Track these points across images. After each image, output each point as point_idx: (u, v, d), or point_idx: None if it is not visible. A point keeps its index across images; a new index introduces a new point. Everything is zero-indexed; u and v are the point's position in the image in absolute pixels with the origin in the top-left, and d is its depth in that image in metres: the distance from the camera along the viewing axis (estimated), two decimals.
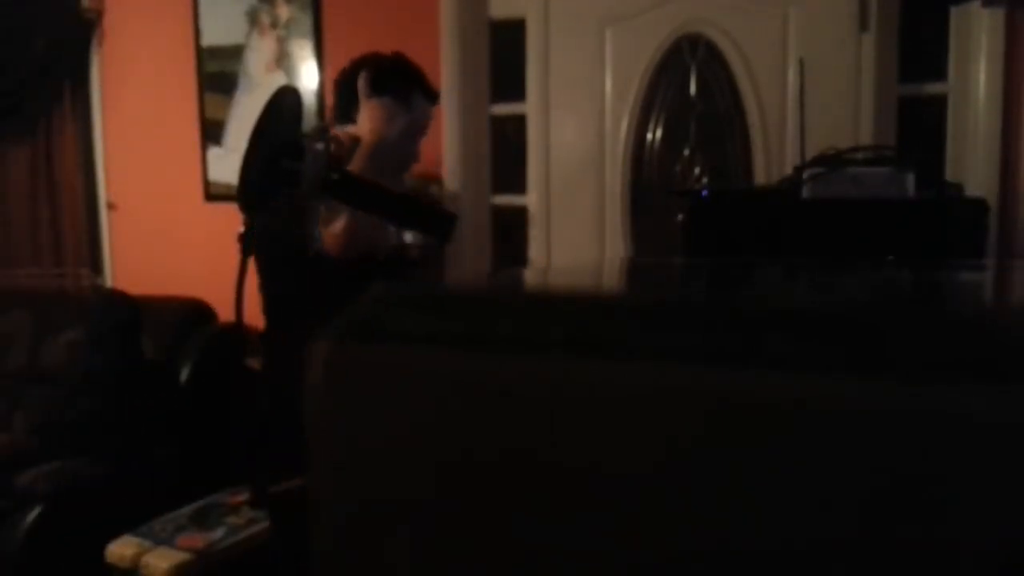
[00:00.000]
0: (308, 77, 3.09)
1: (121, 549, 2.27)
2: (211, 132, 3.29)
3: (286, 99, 1.21)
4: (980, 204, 0.80)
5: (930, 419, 0.35)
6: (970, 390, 0.34)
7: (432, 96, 1.85)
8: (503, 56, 2.92)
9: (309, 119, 3.01)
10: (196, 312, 3.05)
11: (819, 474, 0.36)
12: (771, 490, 0.37)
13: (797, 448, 0.37)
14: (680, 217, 0.84)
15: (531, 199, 2.90)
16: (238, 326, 1.27)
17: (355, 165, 1.56)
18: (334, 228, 1.55)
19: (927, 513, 0.35)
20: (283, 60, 3.14)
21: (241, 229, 1.24)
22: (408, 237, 2.72)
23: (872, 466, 0.35)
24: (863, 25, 2.41)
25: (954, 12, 2.35)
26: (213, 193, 3.31)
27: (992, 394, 0.34)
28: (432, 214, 1.33)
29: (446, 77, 2.89)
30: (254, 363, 2.57)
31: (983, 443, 0.34)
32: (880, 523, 0.35)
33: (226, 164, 3.21)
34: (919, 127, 2.45)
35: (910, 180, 0.81)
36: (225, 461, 2.61)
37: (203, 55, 3.27)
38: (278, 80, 3.07)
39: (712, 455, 0.38)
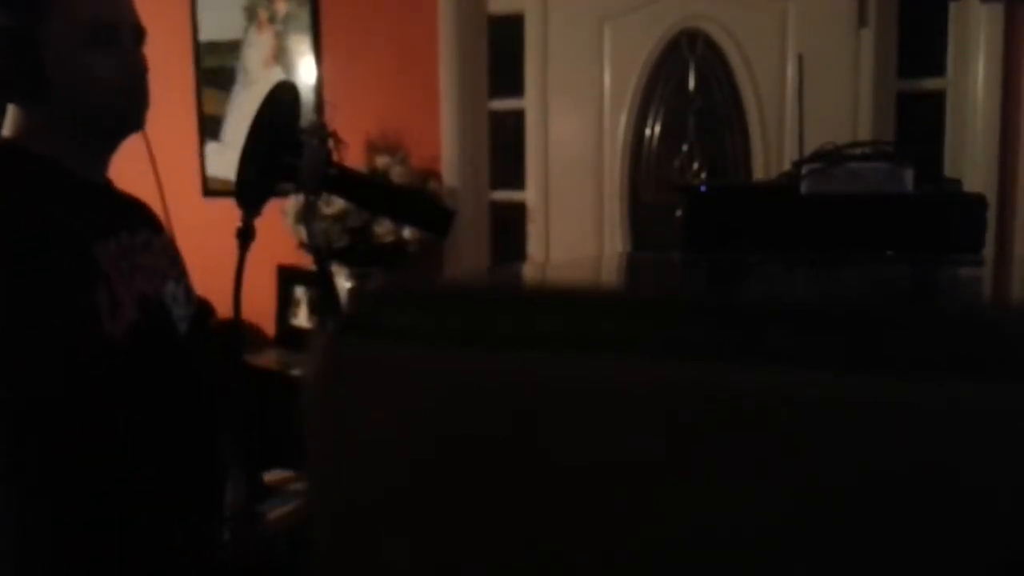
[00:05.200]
0: (306, 72, 3.08)
1: None
2: (209, 127, 3.28)
3: (284, 94, 1.21)
4: (979, 199, 0.79)
5: (929, 416, 0.35)
6: (969, 387, 0.34)
7: None
8: (502, 51, 2.91)
9: (307, 114, 3.00)
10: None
11: (818, 469, 0.36)
12: (770, 485, 0.37)
13: (796, 443, 0.37)
14: (679, 212, 0.84)
15: (529, 194, 2.90)
16: (236, 322, 1.27)
17: None
18: None
19: (927, 510, 0.35)
20: (281, 55, 3.13)
21: (239, 225, 1.24)
22: (406, 232, 2.72)
23: (871, 462, 0.35)
24: (862, 20, 2.41)
25: (953, 7, 2.35)
26: (211, 188, 3.31)
27: (991, 391, 0.34)
28: (430, 209, 1.33)
29: (444, 72, 2.89)
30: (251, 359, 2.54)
31: (983, 441, 0.34)
32: (879, 519, 0.35)
33: (224, 159, 3.20)
34: (918, 122, 2.45)
35: (908, 175, 0.80)
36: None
37: (201, 50, 3.26)
38: (276, 75, 3.07)
39: (712, 450, 0.38)
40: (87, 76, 1.12)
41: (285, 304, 3.10)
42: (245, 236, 1.18)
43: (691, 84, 2.63)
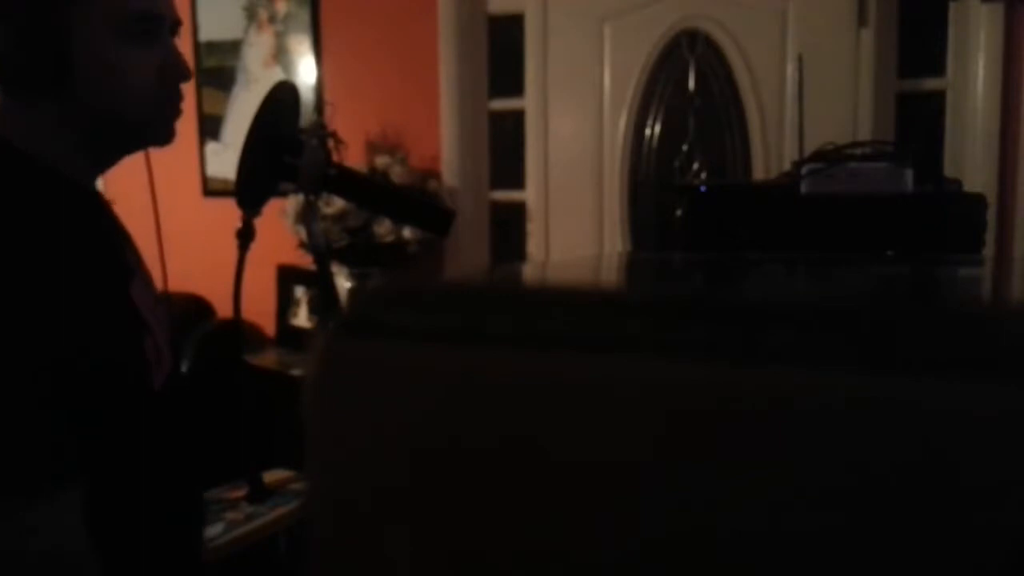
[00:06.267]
0: (306, 72, 3.08)
1: None
2: (209, 127, 3.28)
3: (284, 94, 1.21)
4: (979, 199, 0.80)
5: (930, 416, 0.35)
6: (969, 387, 0.34)
7: None
8: (502, 51, 2.91)
9: (307, 114, 3.00)
10: (194, 308, 3.05)
11: (818, 469, 0.36)
12: (771, 485, 0.37)
13: (796, 443, 0.37)
14: (678, 212, 0.84)
15: (529, 194, 2.90)
16: (236, 322, 1.27)
17: None
18: None
19: (927, 510, 0.35)
20: (281, 55, 3.14)
21: (239, 225, 1.24)
22: (406, 232, 2.72)
23: (871, 462, 0.35)
24: (862, 20, 2.41)
25: (953, 7, 2.35)
26: (211, 188, 3.31)
27: (991, 391, 0.34)
28: (430, 209, 1.33)
29: (444, 72, 2.89)
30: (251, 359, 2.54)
31: (983, 441, 0.34)
32: (879, 519, 0.35)
33: (224, 159, 3.21)
34: (918, 122, 2.45)
35: (908, 175, 0.81)
36: (223, 456, 2.60)
37: (201, 50, 3.26)
38: (276, 75, 3.07)
39: (712, 450, 0.38)
40: (116, 75, 0.96)
41: (285, 304, 3.10)
42: (245, 236, 1.18)
43: (691, 84, 2.63)
